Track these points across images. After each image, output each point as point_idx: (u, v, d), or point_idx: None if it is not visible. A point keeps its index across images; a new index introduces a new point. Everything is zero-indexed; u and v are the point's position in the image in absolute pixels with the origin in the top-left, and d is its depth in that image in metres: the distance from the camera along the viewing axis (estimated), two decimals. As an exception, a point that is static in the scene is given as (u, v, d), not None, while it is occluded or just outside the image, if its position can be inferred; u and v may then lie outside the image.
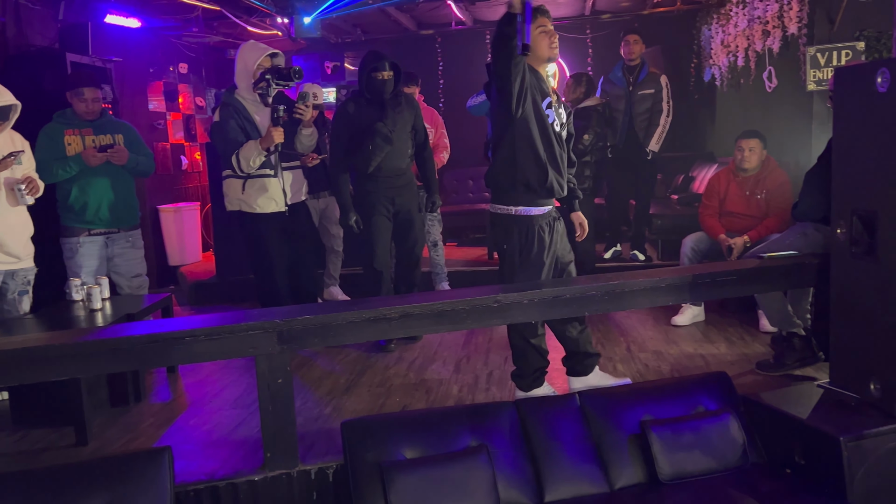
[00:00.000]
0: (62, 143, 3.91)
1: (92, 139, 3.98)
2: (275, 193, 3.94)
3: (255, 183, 3.91)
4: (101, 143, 4.01)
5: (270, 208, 3.95)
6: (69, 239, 4.00)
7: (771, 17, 5.17)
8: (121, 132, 4.09)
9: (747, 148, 4.29)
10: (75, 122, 3.97)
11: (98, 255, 4.02)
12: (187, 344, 2.44)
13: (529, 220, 3.04)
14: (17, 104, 3.44)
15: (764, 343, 3.98)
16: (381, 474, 2.45)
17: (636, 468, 2.67)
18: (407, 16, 7.62)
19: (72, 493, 2.29)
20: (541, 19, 3.01)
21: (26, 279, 3.61)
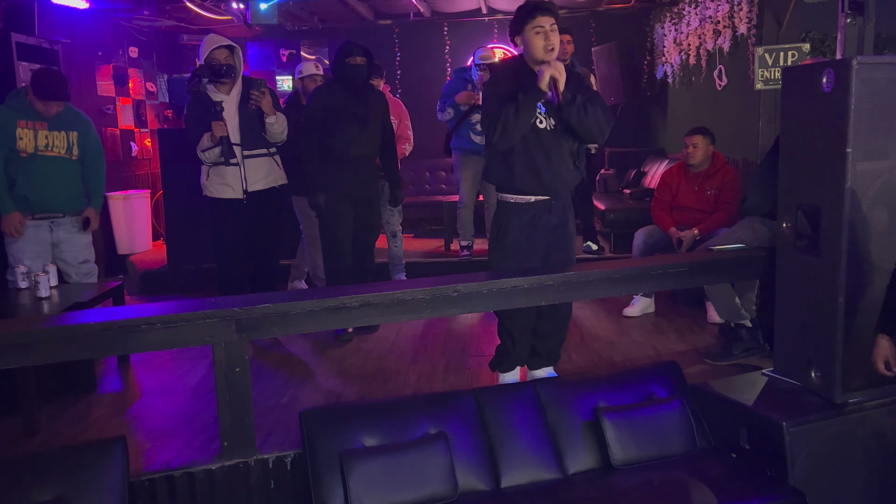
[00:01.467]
0: (13, 134, 3.70)
1: (45, 134, 3.77)
2: (232, 181, 4.01)
3: (216, 170, 4.03)
4: (55, 140, 3.81)
5: (227, 194, 4.03)
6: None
7: (722, 17, 5.32)
8: (76, 129, 3.90)
9: (691, 144, 4.42)
10: (31, 112, 3.74)
11: (42, 239, 3.85)
12: (143, 332, 2.41)
13: (508, 206, 3.10)
14: None
15: (712, 334, 4.11)
16: (340, 462, 2.46)
17: (590, 454, 2.74)
18: (365, 5, 7.57)
19: (20, 485, 2.24)
20: (538, 18, 2.89)
21: None
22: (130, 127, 7.22)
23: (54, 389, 3.34)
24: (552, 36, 2.91)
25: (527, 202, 3.07)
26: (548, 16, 2.91)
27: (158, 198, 7.22)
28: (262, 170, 4.09)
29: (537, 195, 3.06)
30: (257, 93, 3.93)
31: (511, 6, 7.74)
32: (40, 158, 3.77)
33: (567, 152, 3.07)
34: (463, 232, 5.81)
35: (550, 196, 3.07)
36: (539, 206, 3.08)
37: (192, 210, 5.73)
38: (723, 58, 5.46)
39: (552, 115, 3.01)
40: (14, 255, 3.82)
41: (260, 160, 4.08)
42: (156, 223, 7.19)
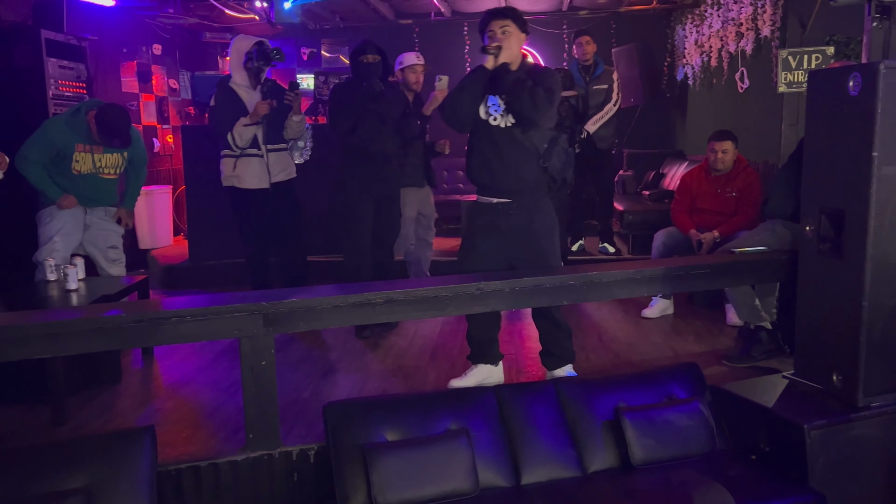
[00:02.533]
0: (70, 157, 3.83)
1: (99, 157, 3.94)
2: (259, 171, 4.32)
3: (245, 161, 4.31)
4: (107, 162, 3.98)
5: (255, 185, 4.33)
6: (47, 207, 3.92)
7: (745, 20, 5.30)
8: (127, 149, 4.05)
9: (720, 150, 4.39)
10: (89, 137, 3.86)
11: (76, 216, 3.96)
12: (173, 324, 2.46)
13: (471, 205, 3.27)
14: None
15: (731, 336, 4.11)
16: (363, 456, 2.49)
17: (609, 453, 2.75)
18: (386, 5, 7.61)
19: (52, 472, 2.29)
20: (490, 23, 3.08)
21: None
22: (153, 123, 7.31)
23: (81, 380, 3.41)
24: (501, 38, 3.06)
25: (488, 203, 3.17)
26: (498, 19, 3.08)
27: (179, 193, 7.31)
28: (282, 162, 4.43)
29: (496, 196, 3.14)
30: (292, 94, 4.27)
31: (533, 6, 7.77)
32: (91, 177, 3.94)
33: (527, 151, 3.10)
34: None
35: (509, 198, 3.13)
36: (499, 209, 3.14)
37: (213, 206, 5.80)
38: (745, 60, 5.44)
39: (511, 113, 3.10)
40: (47, 235, 3.90)
41: (280, 153, 4.43)
42: (177, 218, 7.28)
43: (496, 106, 3.11)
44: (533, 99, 2.99)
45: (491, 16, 3.10)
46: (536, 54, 8.39)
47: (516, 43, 3.10)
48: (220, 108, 4.29)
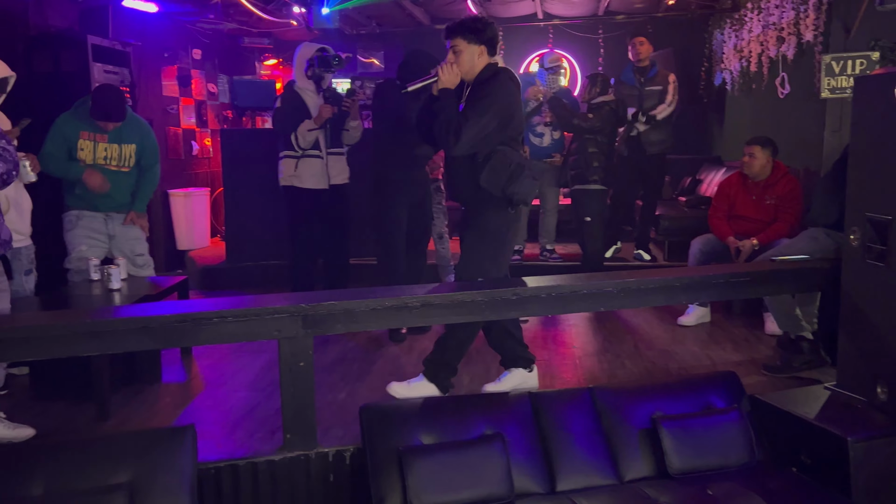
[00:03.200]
0: (75, 145, 3.83)
1: (104, 147, 3.89)
2: (319, 172, 4.53)
3: (306, 161, 4.51)
4: (113, 153, 3.93)
5: (314, 185, 4.53)
6: (69, 212, 3.95)
7: (787, 24, 5.23)
8: (134, 141, 3.99)
9: (748, 153, 4.36)
10: (93, 125, 3.86)
11: (97, 228, 3.96)
12: (215, 325, 2.50)
13: None
14: (13, 75, 3.41)
15: (769, 345, 4.05)
16: (398, 458, 2.51)
17: (646, 462, 2.73)
18: (422, 10, 7.66)
19: (96, 467, 2.34)
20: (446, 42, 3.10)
21: (30, 258, 3.63)
22: (192, 127, 7.45)
23: (123, 378, 3.48)
24: (450, 57, 3.07)
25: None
26: (447, 38, 3.09)
27: (217, 195, 7.43)
28: (339, 165, 4.63)
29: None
30: (350, 100, 4.50)
31: (569, 11, 7.76)
32: (98, 168, 3.87)
33: (465, 165, 3.08)
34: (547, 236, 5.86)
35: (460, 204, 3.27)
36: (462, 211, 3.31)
37: (251, 208, 5.90)
38: (786, 65, 5.36)
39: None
40: (72, 243, 3.92)
41: (338, 157, 4.62)
42: (214, 220, 7.40)
43: None
44: (439, 129, 3.02)
45: (444, 33, 3.10)
46: (572, 59, 8.37)
47: (467, 59, 3.05)
48: (285, 111, 4.48)
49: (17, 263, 3.56)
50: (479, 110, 2.98)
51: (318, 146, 4.50)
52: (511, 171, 3.02)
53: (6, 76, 3.35)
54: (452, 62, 3.04)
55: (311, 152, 4.49)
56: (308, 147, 4.46)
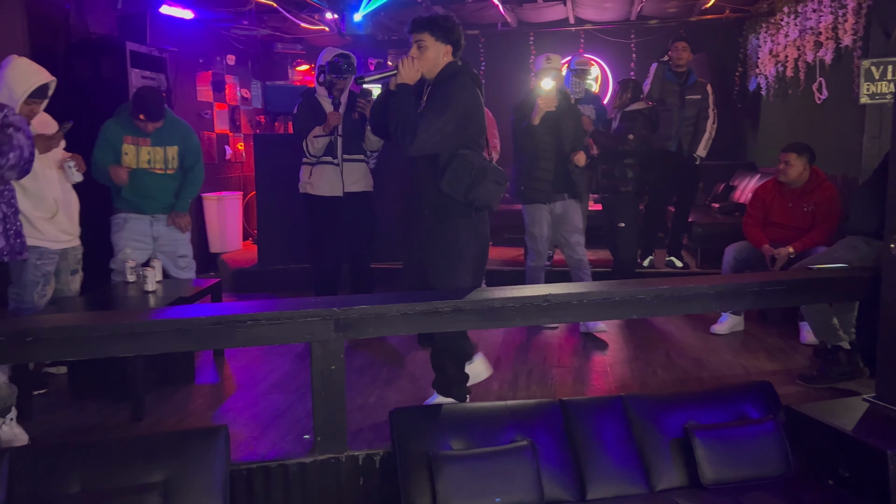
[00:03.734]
0: (120, 149, 3.93)
1: (147, 150, 3.98)
2: (333, 180, 4.43)
3: (320, 168, 4.45)
4: (156, 156, 4.02)
5: (328, 192, 4.45)
6: (117, 215, 4.05)
7: (824, 28, 5.14)
8: (176, 143, 4.07)
9: (784, 160, 4.28)
10: (135, 129, 3.95)
11: (143, 231, 4.06)
12: (248, 327, 2.53)
13: None
14: (53, 80, 3.49)
15: (805, 355, 3.97)
16: (428, 464, 2.51)
17: (678, 472, 2.70)
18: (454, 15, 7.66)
19: (133, 465, 2.39)
20: (412, 35, 3.00)
21: (77, 258, 3.71)
22: (225, 131, 7.55)
23: (157, 378, 3.54)
24: (414, 52, 2.96)
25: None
26: (413, 32, 2.99)
27: (249, 199, 7.52)
28: (357, 173, 4.50)
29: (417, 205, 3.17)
30: (364, 101, 4.36)
31: (601, 16, 7.72)
32: (142, 172, 3.98)
33: (426, 171, 3.00)
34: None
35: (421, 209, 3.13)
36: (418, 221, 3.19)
37: (283, 212, 5.96)
38: (823, 70, 5.27)
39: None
40: (118, 245, 4.02)
41: (356, 164, 4.50)
42: (246, 224, 7.49)
43: None
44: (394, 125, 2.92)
45: (409, 27, 3.01)
46: (604, 64, 8.33)
47: (431, 56, 2.95)
48: (300, 117, 4.48)
49: (64, 263, 3.65)
50: (437, 109, 2.89)
51: (332, 153, 4.43)
52: (473, 175, 2.93)
53: (47, 81, 3.44)
54: (415, 56, 2.93)
55: (325, 159, 4.43)
56: (319, 154, 4.41)
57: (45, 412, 3.30)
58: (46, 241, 3.41)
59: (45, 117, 3.61)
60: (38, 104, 3.46)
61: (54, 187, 3.51)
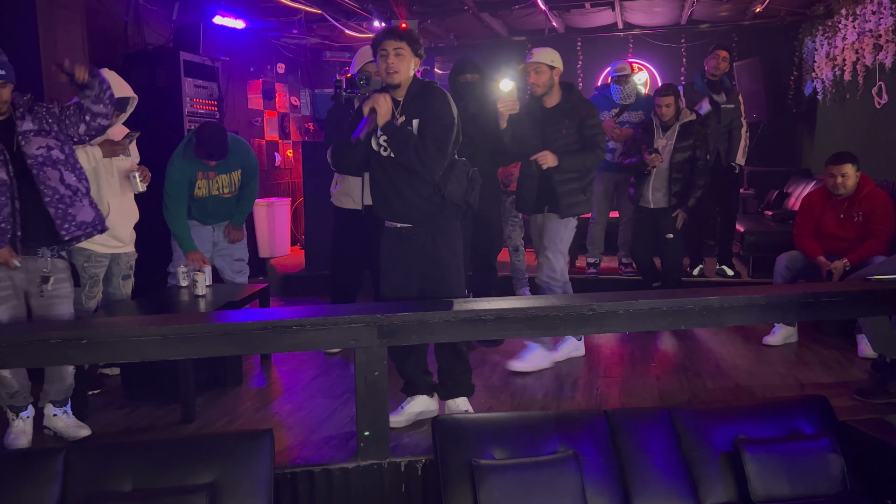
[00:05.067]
0: (194, 185, 4.07)
1: (216, 180, 4.13)
2: (354, 192, 4.12)
3: (343, 180, 4.24)
4: (223, 182, 4.15)
5: (348, 205, 4.21)
6: None
7: (884, 31, 4.97)
8: (239, 167, 4.21)
9: (839, 174, 4.12)
10: (203, 164, 4.07)
11: (205, 237, 4.19)
12: (294, 332, 2.56)
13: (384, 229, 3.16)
14: (135, 97, 3.65)
15: (862, 369, 3.83)
16: (471, 472, 2.49)
17: (727, 487, 2.62)
18: (500, 22, 7.67)
19: (182, 466, 2.43)
20: (383, 42, 2.92)
21: (129, 264, 3.82)
22: (275, 138, 7.70)
23: (207, 382, 3.61)
24: (392, 59, 2.90)
25: (393, 227, 3.09)
26: (392, 39, 2.91)
27: (297, 205, 7.64)
28: None
29: (400, 222, 3.05)
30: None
31: (651, 20, 7.62)
32: (211, 198, 4.15)
33: (420, 179, 2.96)
34: (591, 248, 5.74)
35: (410, 223, 3.03)
36: (404, 233, 3.06)
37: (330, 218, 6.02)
38: (883, 74, 5.09)
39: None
40: (177, 250, 4.15)
41: None
42: (294, 229, 7.60)
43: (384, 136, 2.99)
44: (419, 157, 2.90)
45: (386, 33, 2.96)
46: (653, 70, 8.21)
47: (408, 66, 2.94)
48: (332, 121, 4.29)
49: (117, 268, 3.76)
50: (444, 128, 2.94)
51: None
52: (469, 179, 3.03)
53: (128, 96, 3.60)
54: (392, 63, 2.90)
55: None
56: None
57: (99, 412, 3.40)
58: (95, 245, 3.50)
59: (121, 130, 3.75)
60: (117, 117, 3.60)
61: (113, 193, 3.62)
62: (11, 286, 2.95)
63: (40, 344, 2.49)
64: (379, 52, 2.95)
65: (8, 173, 2.87)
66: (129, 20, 5.47)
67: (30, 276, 2.99)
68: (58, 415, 3.11)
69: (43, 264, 3.00)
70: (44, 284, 2.99)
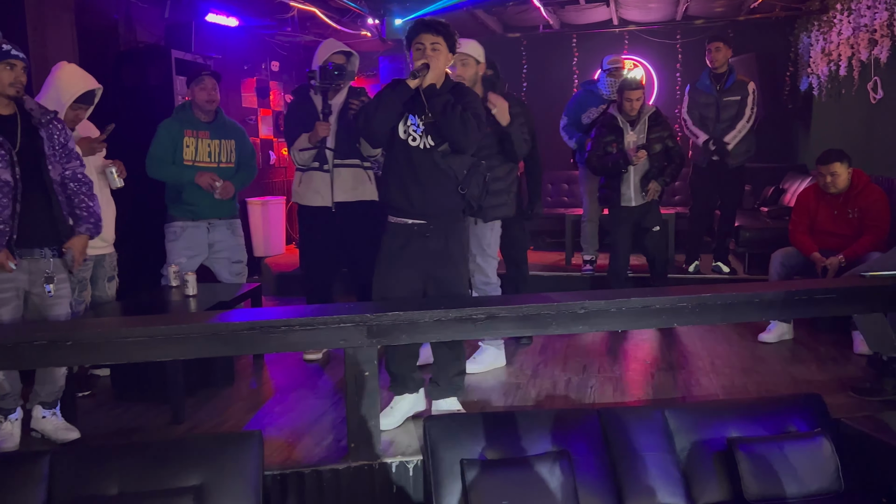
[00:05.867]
0: (181, 143, 3.97)
1: (207, 143, 4.02)
2: (322, 188, 3.95)
3: (308, 176, 4.00)
4: (215, 149, 4.05)
5: (316, 202, 3.98)
6: (174, 223, 4.05)
7: (879, 26, 4.94)
8: (233, 137, 4.13)
9: (828, 173, 4.08)
10: (194, 121, 4.00)
11: (199, 240, 4.07)
12: (282, 333, 2.54)
13: (387, 226, 3.06)
14: (100, 87, 3.55)
15: (858, 366, 3.81)
16: (461, 472, 2.48)
17: (721, 486, 2.61)
18: (494, 19, 7.64)
19: (169, 468, 2.42)
20: (420, 35, 2.89)
21: (112, 265, 3.77)
22: (269, 137, 7.65)
23: (198, 382, 3.58)
24: (430, 54, 2.88)
25: (402, 223, 2.99)
26: (430, 34, 2.88)
27: (292, 204, 7.60)
28: (350, 180, 3.98)
29: (412, 217, 2.96)
30: (357, 101, 3.91)
31: (646, 16, 7.59)
32: (200, 169, 4.00)
33: (445, 175, 2.93)
34: (586, 246, 5.72)
35: (425, 220, 2.95)
36: (415, 230, 2.97)
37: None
38: (879, 69, 5.07)
39: (431, 135, 2.92)
40: (174, 253, 4.04)
41: (350, 170, 3.98)
42: (289, 228, 7.57)
43: (416, 126, 2.94)
44: (464, 125, 2.86)
45: (423, 27, 2.91)
46: (649, 66, 8.18)
47: (444, 62, 2.91)
48: (292, 116, 4.09)
49: (101, 270, 3.71)
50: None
51: (322, 158, 3.93)
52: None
53: (93, 88, 3.52)
54: (430, 56, 2.87)
55: (314, 165, 3.94)
56: (308, 163, 3.95)
57: (88, 414, 3.37)
58: None
59: (89, 125, 3.69)
60: (84, 110, 3.54)
61: None
62: (13, 288, 2.91)
63: (25, 346, 2.47)
64: (414, 46, 2.91)
65: (13, 175, 2.83)
66: (121, 18, 5.43)
67: (32, 277, 2.95)
68: (47, 417, 3.08)
69: (45, 265, 2.96)
70: (49, 285, 2.96)
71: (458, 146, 2.92)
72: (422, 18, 2.99)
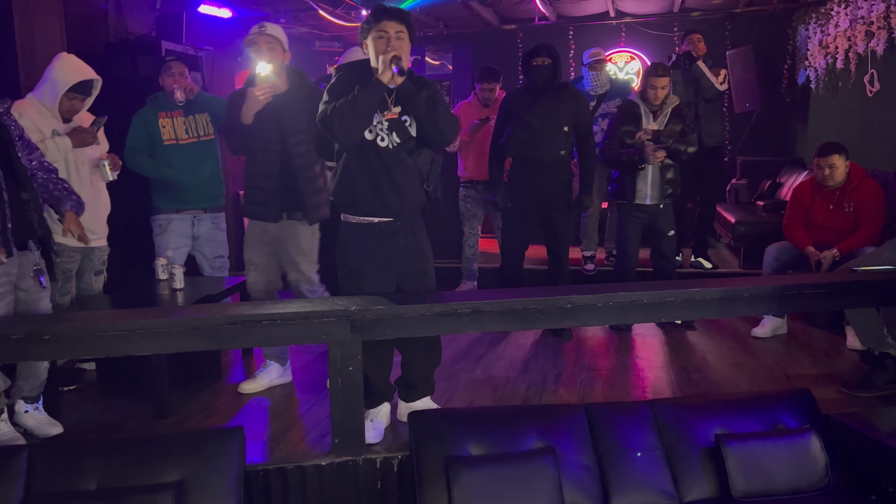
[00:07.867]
0: (157, 126, 3.99)
1: (182, 121, 4.05)
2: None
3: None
4: (191, 125, 4.07)
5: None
6: (159, 216, 4.08)
7: (876, 18, 4.90)
8: (206, 110, 4.13)
9: (827, 166, 4.05)
10: (167, 105, 4.05)
11: (184, 233, 4.10)
12: (264, 328, 2.50)
13: (350, 227, 2.90)
14: (98, 79, 3.52)
15: (851, 361, 3.79)
16: (446, 469, 2.45)
17: (708, 482, 2.58)
18: (490, 10, 7.58)
19: (149, 464, 2.38)
20: (383, 23, 2.70)
21: (102, 259, 3.74)
22: (263, 129, 7.59)
23: (184, 376, 3.54)
24: (395, 43, 2.70)
25: (370, 223, 2.86)
26: (394, 21, 2.71)
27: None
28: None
29: (379, 216, 2.85)
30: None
31: (643, 8, 7.53)
32: (182, 147, 4.03)
33: (413, 171, 2.85)
34: (586, 241, 5.68)
35: (392, 217, 2.85)
36: (383, 228, 2.85)
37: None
38: (875, 61, 5.02)
39: (395, 132, 2.80)
40: (161, 246, 4.07)
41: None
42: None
43: (381, 124, 2.79)
44: (448, 118, 2.82)
45: (385, 13, 2.71)
46: (645, 58, 8.13)
47: (407, 51, 2.76)
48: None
49: (89, 263, 3.67)
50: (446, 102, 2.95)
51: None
52: (440, 177, 3.02)
53: (90, 78, 3.48)
54: (395, 45, 2.69)
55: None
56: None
57: (73, 408, 3.34)
58: (67, 239, 3.42)
59: (88, 117, 3.65)
60: (80, 101, 3.49)
61: (83, 184, 3.52)
62: (8, 282, 2.88)
63: (3, 340, 2.43)
64: (375, 34, 2.72)
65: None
66: (110, 8, 5.37)
67: (22, 270, 2.92)
68: (29, 411, 3.05)
69: (34, 258, 2.93)
70: (42, 277, 2.94)
71: (441, 140, 2.86)
72: (382, 4, 2.81)
